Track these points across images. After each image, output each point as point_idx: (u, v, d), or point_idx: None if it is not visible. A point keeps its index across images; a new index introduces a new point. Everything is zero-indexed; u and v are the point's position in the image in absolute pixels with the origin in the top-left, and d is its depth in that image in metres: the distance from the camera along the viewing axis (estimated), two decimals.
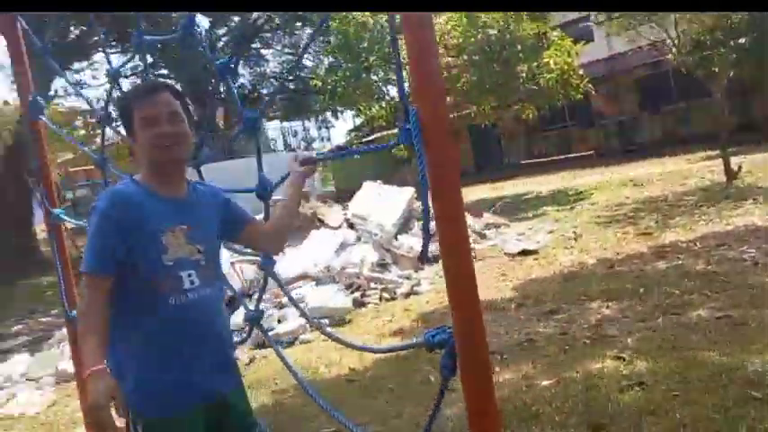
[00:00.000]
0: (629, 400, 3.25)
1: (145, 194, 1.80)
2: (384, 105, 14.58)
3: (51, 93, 17.03)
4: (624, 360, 3.82)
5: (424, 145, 1.67)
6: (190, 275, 1.79)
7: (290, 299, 2.38)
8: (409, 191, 9.05)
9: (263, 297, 2.79)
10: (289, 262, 6.99)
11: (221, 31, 23.93)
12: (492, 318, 5.44)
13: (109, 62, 2.47)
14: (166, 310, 1.76)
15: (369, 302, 6.65)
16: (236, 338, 2.62)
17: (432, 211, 1.64)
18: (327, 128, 29.36)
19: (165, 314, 1.76)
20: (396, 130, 1.71)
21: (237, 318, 6.53)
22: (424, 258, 1.74)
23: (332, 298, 6.24)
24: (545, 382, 3.69)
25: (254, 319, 2.44)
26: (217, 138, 22.38)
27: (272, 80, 26.63)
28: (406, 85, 1.90)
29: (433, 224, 1.65)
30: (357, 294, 6.77)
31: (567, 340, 4.47)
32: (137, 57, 2.39)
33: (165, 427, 1.77)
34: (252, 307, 2.50)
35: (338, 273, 6.94)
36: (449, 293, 1.72)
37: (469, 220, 9.63)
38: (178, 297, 1.77)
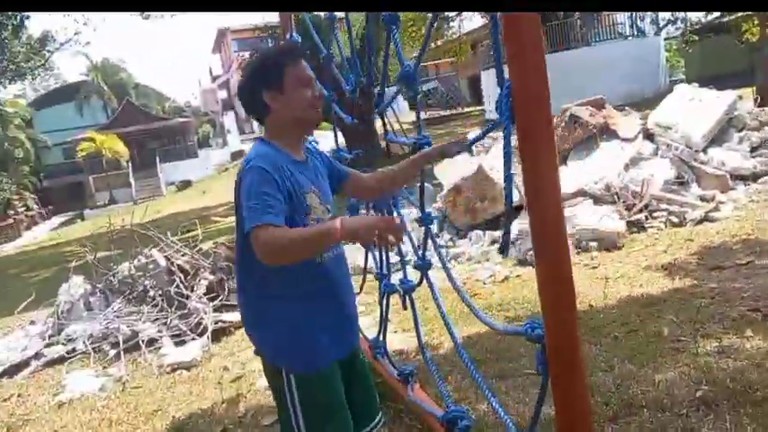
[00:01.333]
0: None
1: (284, 157, 1.81)
2: None
3: None
4: None
5: (516, 116, 1.45)
6: None
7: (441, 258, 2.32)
8: (730, 95, 7.59)
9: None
10: (568, 177, 6.63)
11: None
12: None
13: None
14: (313, 268, 1.82)
15: (650, 227, 6.02)
16: (412, 282, 2.71)
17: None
18: None
19: (312, 272, 1.82)
20: None
21: None
22: (505, 248, 1.56)
23: (602, 220, 5.79)
24: None
25: (423, 267, 2.47)
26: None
27: None
28: None
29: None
30: (640, 216, 6.17)
31: None
32: None
33: (315, 380, 1.84)
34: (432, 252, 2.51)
35: (619, 191, 6.38)
36: (539, 286, 1.54)
37: None
38: (320, 255, 1.83)
